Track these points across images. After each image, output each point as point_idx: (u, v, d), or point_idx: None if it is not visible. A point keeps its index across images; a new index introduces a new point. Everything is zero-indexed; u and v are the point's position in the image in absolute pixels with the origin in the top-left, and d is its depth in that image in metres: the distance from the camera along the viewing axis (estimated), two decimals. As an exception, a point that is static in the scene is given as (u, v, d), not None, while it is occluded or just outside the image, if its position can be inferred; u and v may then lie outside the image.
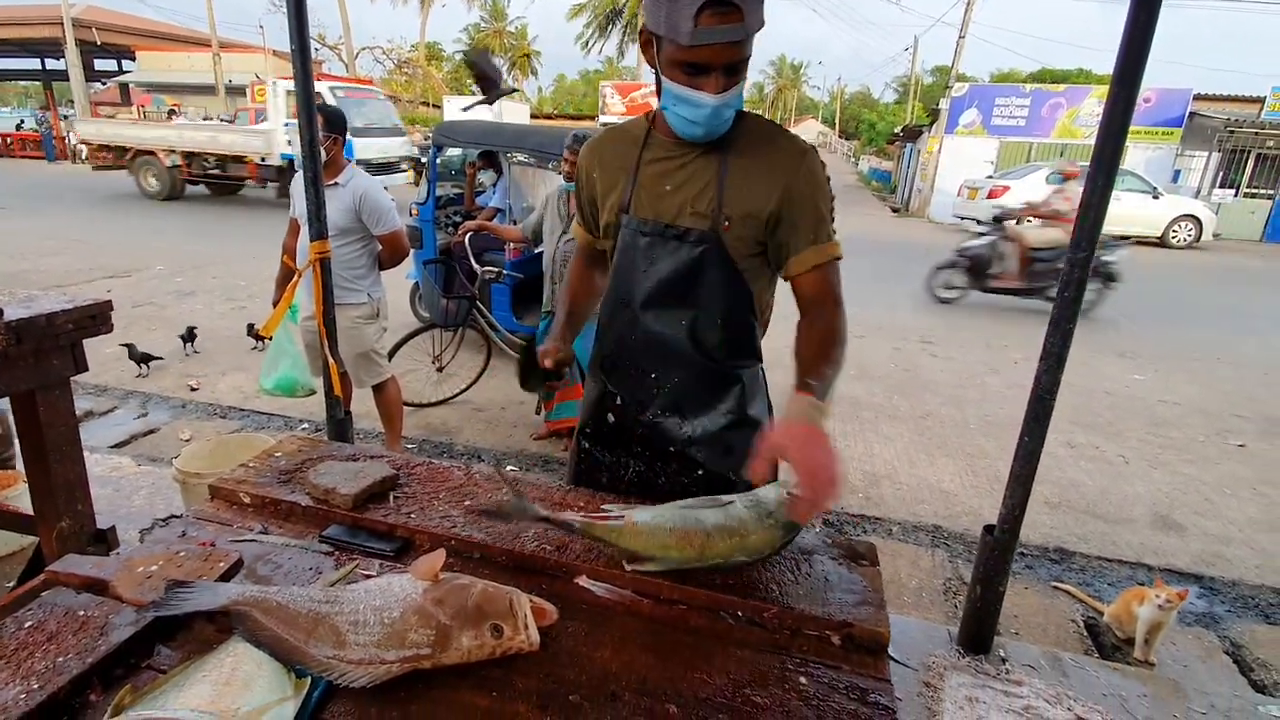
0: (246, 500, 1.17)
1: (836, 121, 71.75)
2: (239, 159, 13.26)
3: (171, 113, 21.76)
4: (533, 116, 25.47)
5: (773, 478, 1.01)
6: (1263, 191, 16.89)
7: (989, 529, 2.10)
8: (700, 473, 1.38)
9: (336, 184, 2.81)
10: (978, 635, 2.15)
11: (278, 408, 3.96)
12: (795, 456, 0.94)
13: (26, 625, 0.85)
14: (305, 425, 3.86)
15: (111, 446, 3.44)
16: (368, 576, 0.99)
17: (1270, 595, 2.81)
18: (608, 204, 1.35)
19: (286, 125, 12.10)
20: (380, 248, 3.00)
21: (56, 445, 1.72)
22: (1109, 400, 5.01)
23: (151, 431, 3.70)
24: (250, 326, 4.95)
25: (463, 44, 46.54)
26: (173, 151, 13.60)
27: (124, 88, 25.91)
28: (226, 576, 0.94)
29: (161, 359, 4.65)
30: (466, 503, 1.17)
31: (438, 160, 5.04)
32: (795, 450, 0.95)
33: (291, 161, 12.07)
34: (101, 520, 1.92)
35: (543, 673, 0.83)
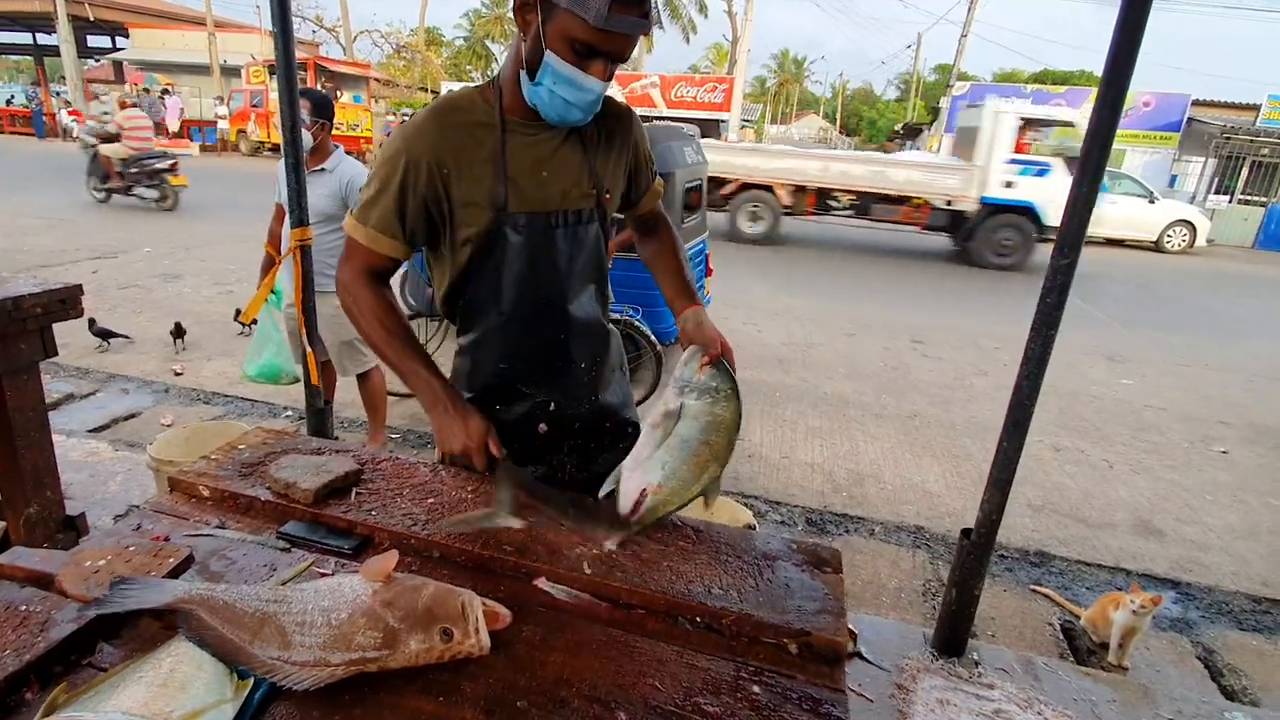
0: (205, 493, 1.15)
1: (838, 117, 71.61)
2: (900, 199, 10.59)
3: (165, 92, 21.56)
4: (531, 105, 25.28)
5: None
6: (1256, 198, 16.99)
7: (966, 532, 2.10)
8: (630, 430, 1.45)
9: (324, 169, 2.78)
10: (952, 638, 2.16)
11: (261, 395, 3.93)
12: (721, 343, 1.20)
13: (-34, 619, 0.83)
14: (290, 413, 3.83)
15: (90, 430, 3.41)
16: (324, 575, 0.97)
17: (1244, 601, 2.83)
18: (469, 204, 1.19)
19: (1010, 162, 9.82)
20: (365, 235, 2.97)
21: (24, 430, 1.70)
22: (1096, 404, 5.03)
23: (132, 416, 3.67)
24: (237, 312, 4.92)
25: (464, 29, 46.15)
26: (799, 187, 10.82)
27: (117, 65, 25.62)
28: (176, 573, 0.92)
29: (127, 337, 4.63)
30: (429, 501, 1.16)
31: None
32: (719, 340, 1.21)
33: (991, 205, 9.88)
34: (76, 506, 1.91)
35: (492, 677, 0.82)
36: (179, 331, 4.61)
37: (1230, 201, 16.80)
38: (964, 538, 2.11)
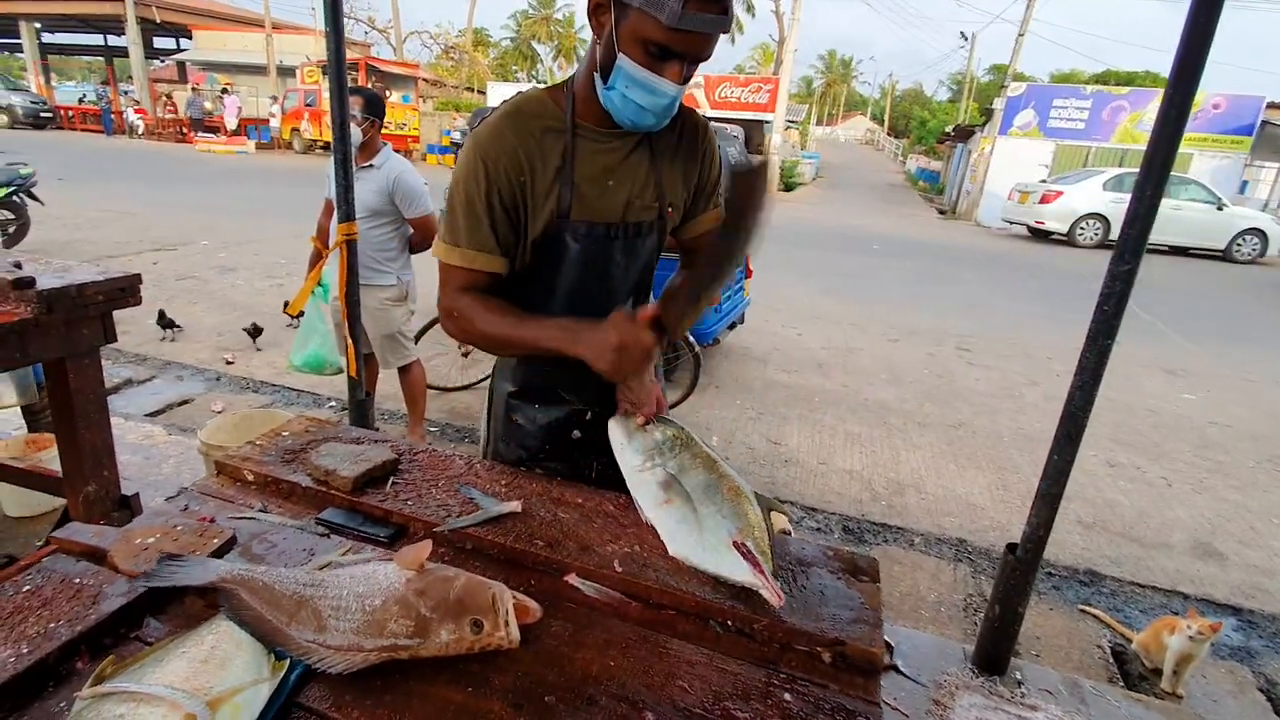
0: (250, 478, 1.18)
1: (886, 118, 70.24)
2: None
3: (224, 91, 22.43)
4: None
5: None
6: (1337, 206, 16.02)
7: (1011, 547, 2.03)
8: None
9: (371, 165, 2.84)
10: (994, 655, 2.08)
11: (307, 385, 4.04)
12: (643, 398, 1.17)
13: (24, 590, 0.87)
14: (333, 403, 3.94)
15: (147, 415, 3.56)
16: (359, 562, 0.99)
17: (1314, 633, 2.66)
18: (541, 209, 1.16)
19: None
20: (412, 231, 3.03)
21: (85, 412, 1.77)
22: (1154, 419, 4.81)
23: (185, 402, 3.82)
24: (286, 304, 5.08)
25: (510, 30, 46.79)
26: None
27: (181, 65, 26.77)
28: (219, 553, 0.94)
29: (181, 328, 4.83)
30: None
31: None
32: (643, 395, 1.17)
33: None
34: (131, 486, 1.99)
35: (520, 671, 0.82)
36: (255, 331, 4.71)
37: (1306, 210, 15.89)
38: (1009, 552, 2.03)
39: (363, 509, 1.12)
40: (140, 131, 23.06)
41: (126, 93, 26.49)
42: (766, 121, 19.93)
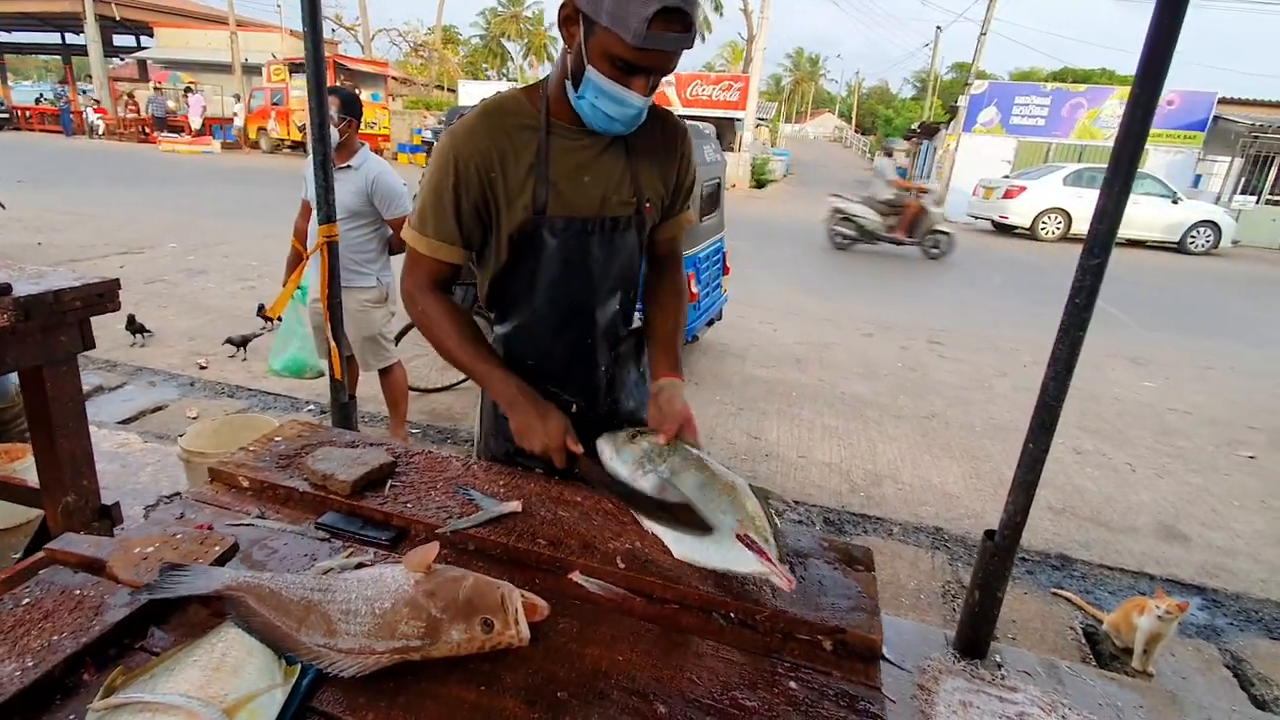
0: (245, 484, 1.17)
1: (853, 116, 71.13)
2: None
3: (188, 90, 21.88)
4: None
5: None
6: (1286, 198, 16.65)
7: (990, 534, 2.09)
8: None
9: (350, 166, 2.81)
10: (974, 640, 2.14)
11: (284, 388, 3.98)
12: (684, 417, 1.24)
13: (24, 602, 0.85)
14: (312, 407, 3.88)
15: (120, 422, 3.48)
16: (362, 565, 0.99)
17: (1274, 610, 2.78)
18: (515, 205, 1.20)
19: None
20: (391, 232, 3.00)
21: (63, 420, 1.73)
22: (1118, 406, 4.97)
23: (160, 408, 3.73)
24: (260, 307, 4.97)
25: (480, 28, 46.35)
26: None
27: (142, 64, 26.05)
28: (221, 561, 0.94)
29: (152, 333, 4.70)
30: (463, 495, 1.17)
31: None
32: (681, 416, 1.24)
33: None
34: (108, 496, 1.94)
35: (532, 668, 0.83)
36: (241, 342, 4.50)
37: (1258, 202, 16.49)
38: (987, 539, 2.10)
39: (362, 513, 1.12)
40: (101, 132, 22.40)
41: (85, 92, 25.68)
42: (738, 119, 20.06)
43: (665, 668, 0.85)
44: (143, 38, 26.96)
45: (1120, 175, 1.74)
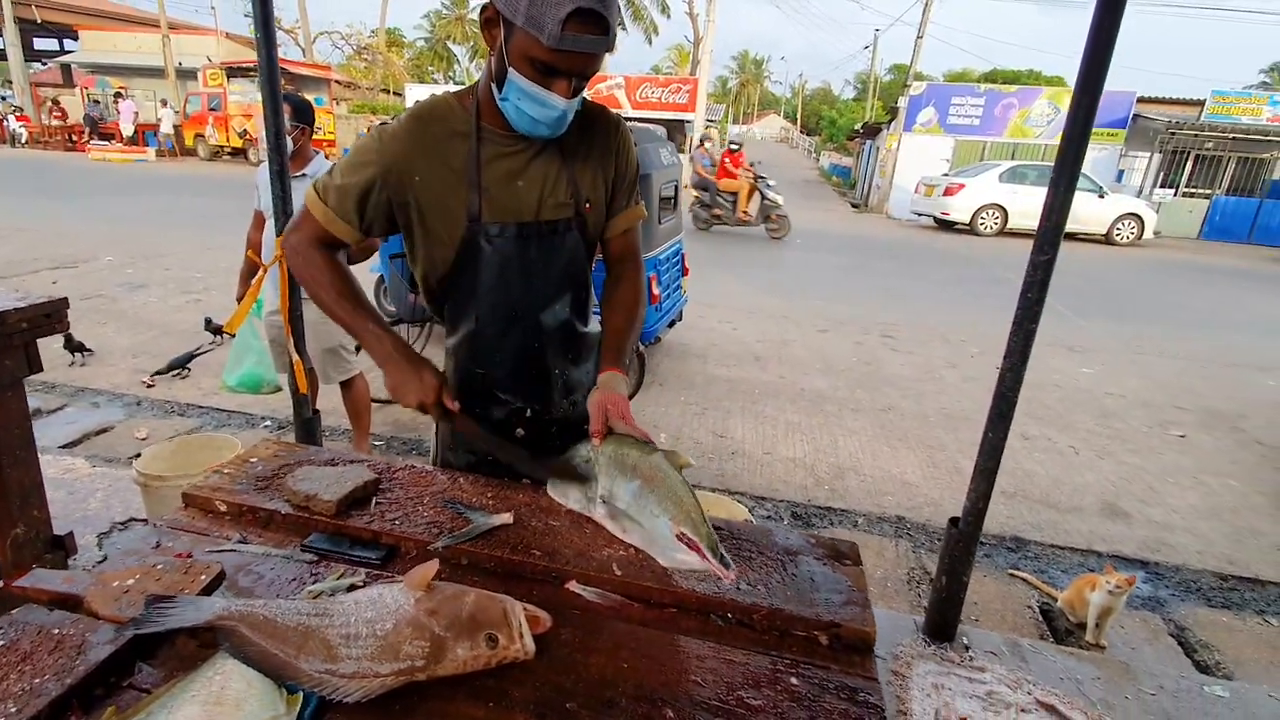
0: (223, 508, 1.14)
1: (798, 117, 72.56)
2: None
3: (118, 95, 20.87)
4: (496, 105, 25.11)
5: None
6: (1200, 191, 17.76)
7: (954, 521, 2.17)
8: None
9: (304, 175, 2.74)
10: (942, 624, 2.22)
11: (238, 405, 3.84)
12: (624, 416, 1.18)
13: (-2, 645, 0.81)
14: (268, 423, 3.76)
15: (62, 446, 3.29)
16: (354, 586, 0.97)
17: (1211, 579, 2.97)
18: (444, 212, 1.21)
19: None
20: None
21: (9, 448, 1.65)
22: (1059, 393, 5.21)
23: (104, 430, 3.55)
24: (208, 320, 4.79)
25: (424, 31, 45.51)
26: None
27: (65, 68, 24.72)
28: (209, 590, 0.91)
29: (92, 351, 4.48)
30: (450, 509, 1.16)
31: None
32: (621, 413, 1.19)
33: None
34: (58, 525, 1.85)
35: (538, 681, 0.83)
36: (174, 367, 4.34)
37: (1175, 195, 17.52)
38: (952, 526, 2.18)
39: (349, 532, 1.10)
40: (24, 140, 21.18)
41: (4, 98, 24.20)
42: (687, 121, 20.22)
43: (670, 672, 0.87)
44: (66, 41, 25.59)
45: (1065, 175, 1.83)
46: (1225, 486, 3.84)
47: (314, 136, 2.82)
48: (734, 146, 12.36)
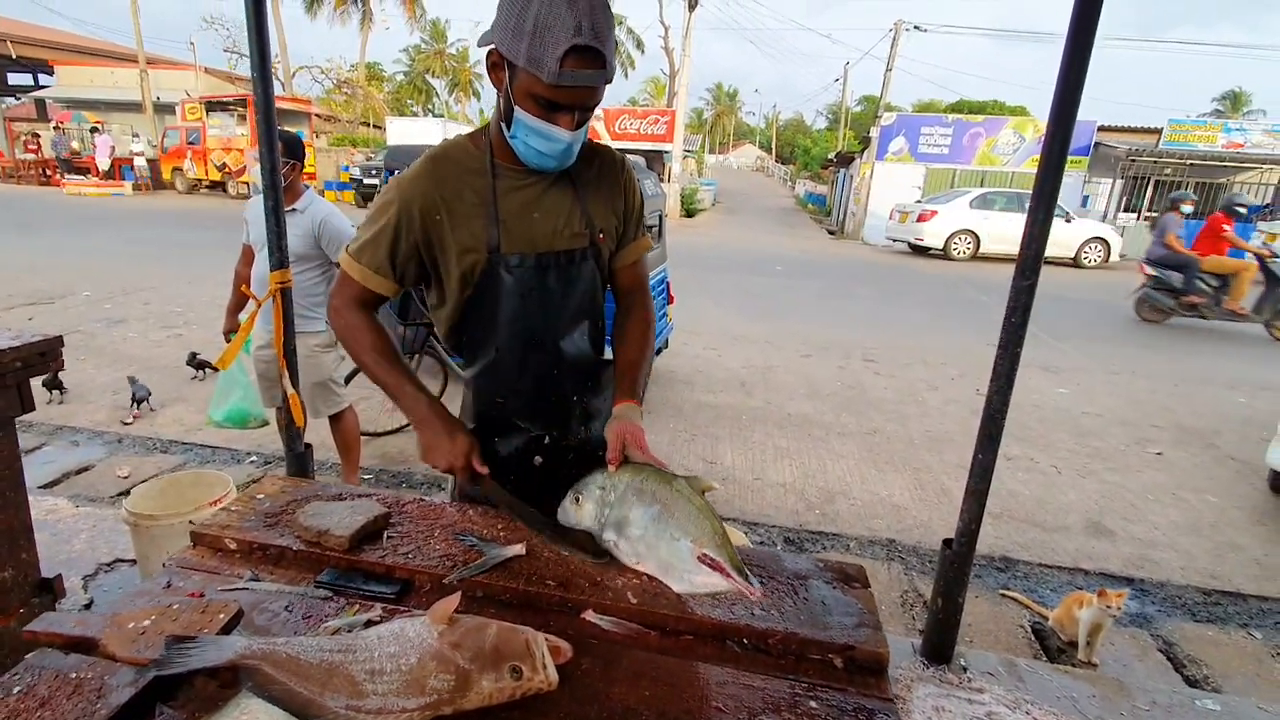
0: (232, 546, 1.13)
1: (773, 147, 74.11)
2: None
3: (94, 129, 20.74)
4: (476, 137, 25.33)
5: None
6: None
7: (948, 542, 2.20)
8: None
9: (295, 210, 2.75)
10: (940, 646, 2.24)
11: (222, 440, 3.78)
12: (641, 446, 1.22)
13: (15, 691, 0.80)
14: (254, 458, 3.70)
15: (42, 486, 3.21)
16: (372, 622, 0.97)
17: (1195, 595, 3.03)
18: (464, 246, 1.24)
19: None
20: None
21: (-1, 491, 1.62)
22: (1038, 413, 5.31)
23: (85, 469, 3.47)
24: (193, 355, 4.73)
25: (403, 64, 46.00)
26: None
27: (40, 103, 24.54)
28: (228, 628, 0.91)
29: (68, 389, 4.40)
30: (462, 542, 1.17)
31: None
32: (639, 443, 1.22)
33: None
34: (41, 568, 1.81)
35: (562, 712, 0.84)
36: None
37: (1138, 219, 18.13)
38: (945, 548, 2.21)
39: (362, 567, 1.10)
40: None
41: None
42: (666, 151, 20.57)
43: (691, 699, 0.88)
44: (41, 76, 25.44)
45: (1043, 204, 1.91)
46: (1204, 502, 3.93)
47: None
48: (1238, 210, 8.74)
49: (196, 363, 4.66)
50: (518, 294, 1.27)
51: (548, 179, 1.28)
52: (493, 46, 1.14)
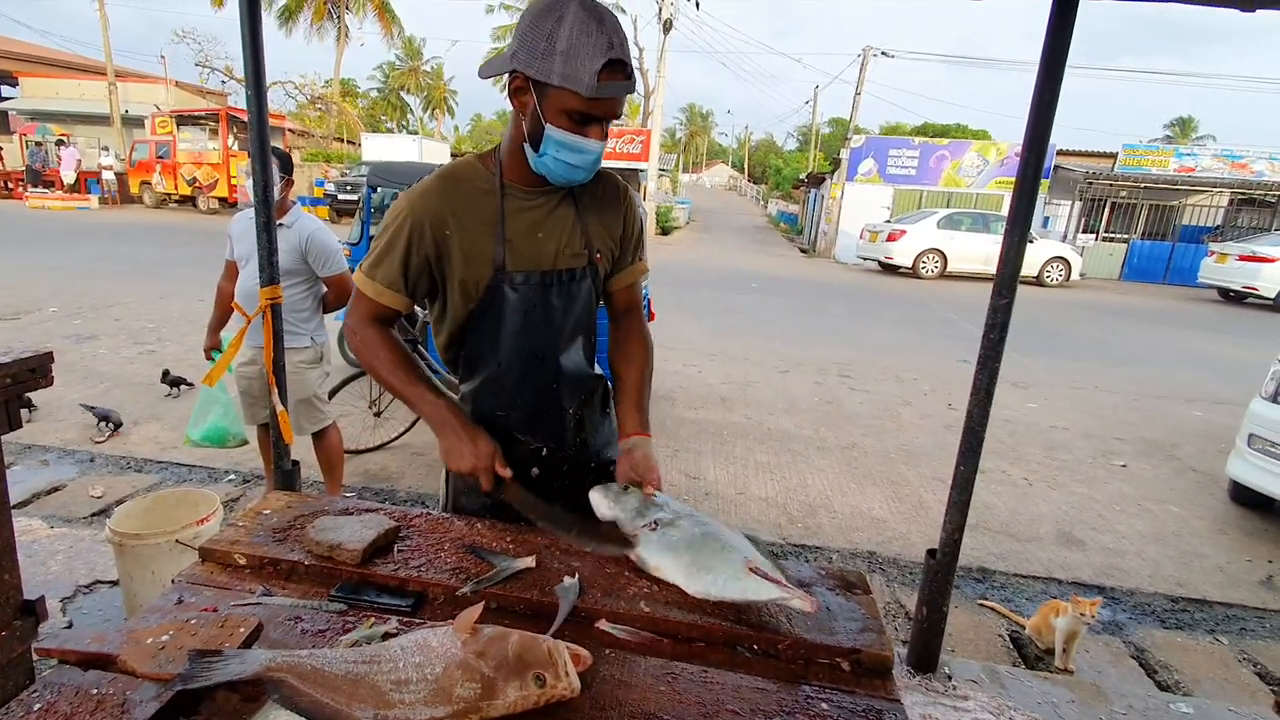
0: (242, 561, 1.13)
1: (745, 167, 75.29)
2: None
3: (60, 142, 20.27)
4: (453, 155, 25.31)
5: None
6: (1118, 235, 19.11)
7: (931, 553, 2.26)
8: (611, 467, 1.50)
9: (282, 225, 2.74)
10: (925, 655, 2.29)
11: (199, 459, 3.71)
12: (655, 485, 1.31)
13: (35, 709, 0.80)
14: (232, 477, 3.63)
15: (12, 507, 3.10)
16: (389, 634, 0.98)
17: (1164, 602, 3.13)
18: (470, 262, 1.28)
19: None
20: (325, 290, 2.93)
21: (-17, 511, 1.58)
22: (1009, 427, 5.46)
23: (57, 489, 3.37)
24: (166, 373, 4.63)
25: (378, 81, 45.85)
26: None
27: (3, 115, 23.91)
28: (249, 642, 0.91)
29: (37, 406, 4.29)
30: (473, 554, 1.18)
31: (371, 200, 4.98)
32: (652, 482, 1.31)
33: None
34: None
35: (585, 718, 0.86)
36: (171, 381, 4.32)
37: (1096, 240, 18.80)
38: (930, 558, 2.27)
39: (375, 580, 1.11)
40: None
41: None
42: (641, 170, 20.75)
43: (707, 704, 0.90)
44: (4, 88, 24.82)
45: (1018, 225, 2.01)
46: (1167, 512, 4.08)
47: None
48: None
49: (171, 380, 4.57)
50: (522, 310, 1.32)
51: (553, 200, 1.33)
52: (516, 72, 1.18)
